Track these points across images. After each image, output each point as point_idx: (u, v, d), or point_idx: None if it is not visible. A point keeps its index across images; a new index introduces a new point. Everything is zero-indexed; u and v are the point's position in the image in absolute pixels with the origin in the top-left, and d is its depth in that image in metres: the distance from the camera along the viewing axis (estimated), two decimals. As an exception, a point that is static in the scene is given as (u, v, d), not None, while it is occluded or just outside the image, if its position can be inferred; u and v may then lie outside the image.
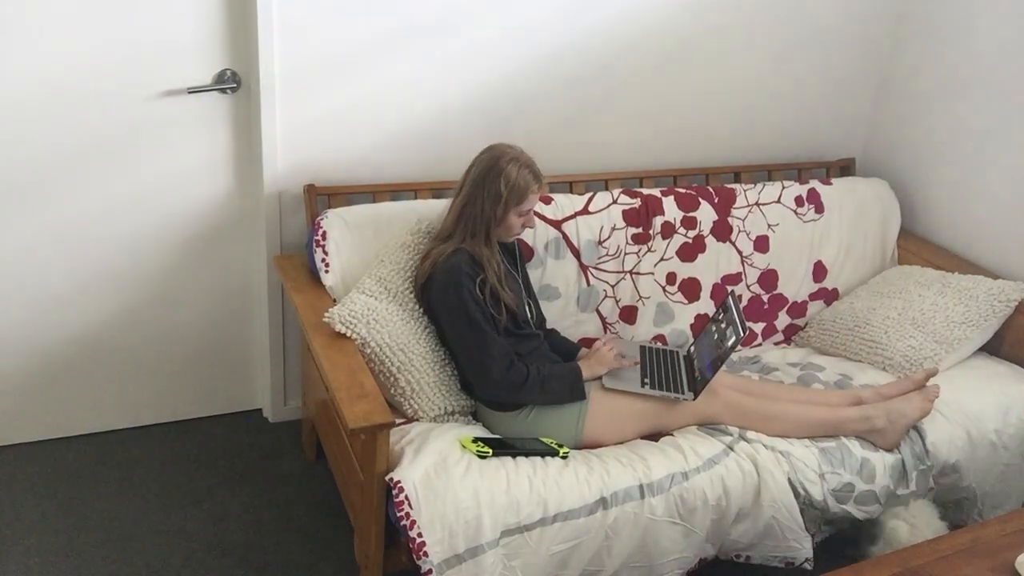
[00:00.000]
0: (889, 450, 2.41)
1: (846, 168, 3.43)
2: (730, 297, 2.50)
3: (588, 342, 2.74)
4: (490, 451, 2.18)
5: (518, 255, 2.61)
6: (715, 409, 2.39)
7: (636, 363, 2.50)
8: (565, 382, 2.36)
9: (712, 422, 2.39)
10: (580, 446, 2.35)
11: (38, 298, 2.66)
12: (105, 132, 2.53)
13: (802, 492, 2.28)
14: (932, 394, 2.49)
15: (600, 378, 2.42)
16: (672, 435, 2.37)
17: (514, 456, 2.20)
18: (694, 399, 2.39)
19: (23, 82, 2.41)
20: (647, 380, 2.44)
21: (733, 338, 2.36)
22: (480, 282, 2.32)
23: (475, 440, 2.21)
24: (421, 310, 2.43)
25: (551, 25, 2.81)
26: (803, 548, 2.28)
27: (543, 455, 2.23)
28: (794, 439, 2.38)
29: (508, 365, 2.30)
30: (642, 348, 2.61)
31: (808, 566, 2.30)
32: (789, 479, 2.28)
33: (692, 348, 2.63)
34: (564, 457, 2.24)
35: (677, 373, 2.52)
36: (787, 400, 2.49)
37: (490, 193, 2.34)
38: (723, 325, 2.47)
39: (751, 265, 3.04)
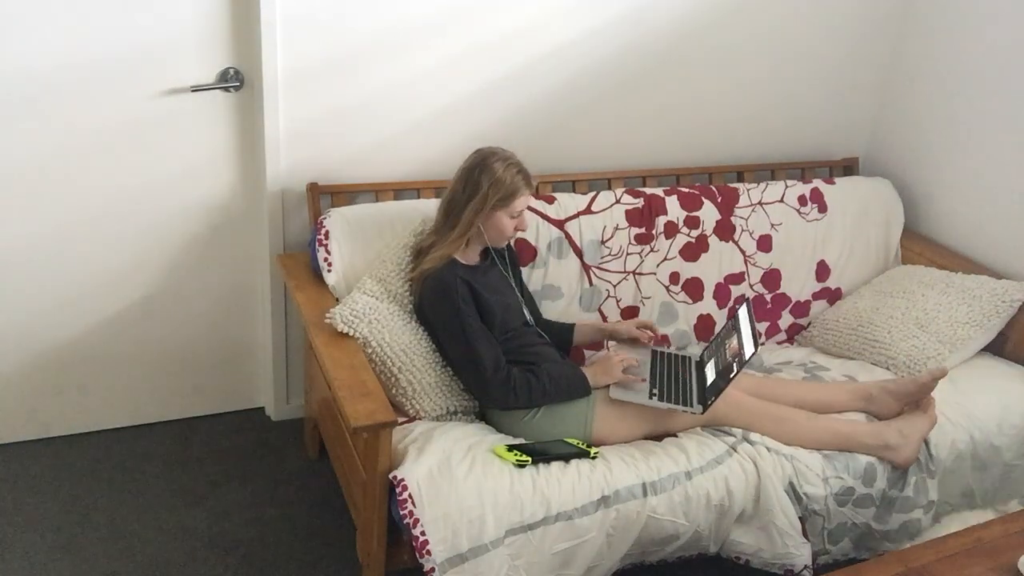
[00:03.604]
0: (905, 467, 2.38)
1: (849, 167, 3.43)
2: (745, 305, 2.44)
3: (598, 346, 2.76)
4: (529, 459, 2.16)
5: (508, 257, 2.59)
6: (723, 411, 2.36)
7: (644, 380, 2.41)
8: (569, 388, 2.34)
9: (719, 424, 2.38)
10: (590, 443, 2.35)
11: (40, 296, 2.66)
12: (107, 130, 2.54)
13: (803, 497, 2.27)
14: (932, 405, 2.46)
15: (607, 387, 2.38)
16: (676, 435, 2.37)
17: (548, 462, 2.18)
18: (702, 412, 2.33)
19: (25, 80, 2.41)
20: (655, 391, 2.38)
21: (749, 351, 2.30)
22: (469, 290, 2.32)
23: (510, 449, 2.19)
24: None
25: (553, 24, 2.81)
26: (801, 555, 2.27)
27: (574, 457, 2.21)
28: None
29: (505, 376, 2.29)
30: (653, 352, 2.56)
31: (807, 574, 2.29)
32: (791, 482, 2.27)
33: (704, 355, 2.55)
34: (594, 458, 2.22)
35: (687, 382, 2.45)
36: (798, 402, 2.47)
37: (474, 191, 2.32)
38: (738, 334, 2.40)
39: (754, 264, 3.04)
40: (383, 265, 2.47)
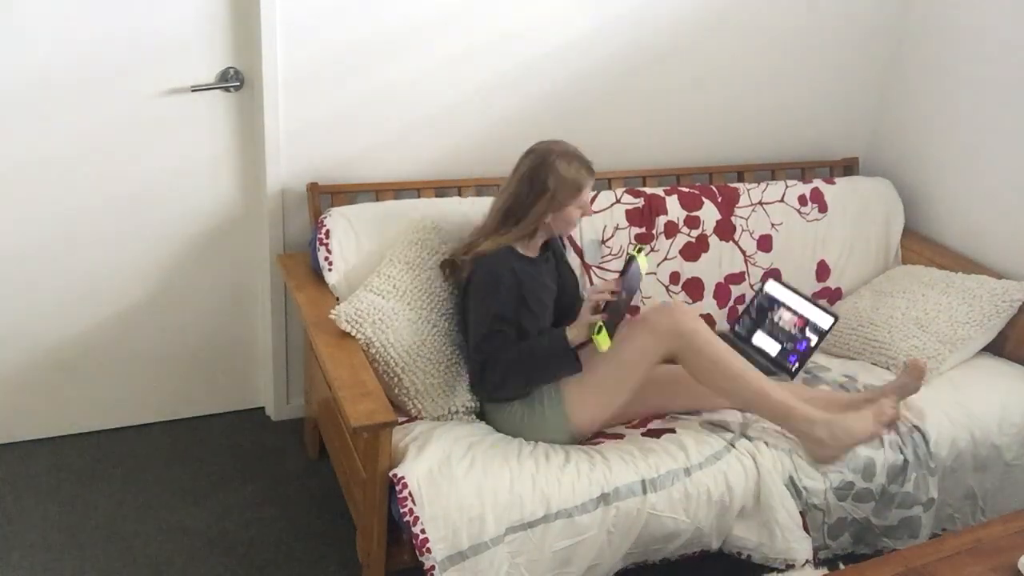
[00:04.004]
0: (825, 463, 2.32)
1: (850, 167, 3.43)
2: (772, 280, 2.50)
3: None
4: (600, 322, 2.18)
5: (555, 251, 2.59)
6: (683, 347, 2.31)
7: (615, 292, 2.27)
8: (549, 357, 2.28)
9: (672, 352, 2.33)
10: (579, 435, 2.36)
11: (40, 296, 2.66)
12: (108, 130, 2.54)
13: (803, 491, 2.28)
14: (887, 418, 2.38)
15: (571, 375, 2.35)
16: (674, 432, 2.36)
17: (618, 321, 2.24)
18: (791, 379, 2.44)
19: (25, 80, 2.41)
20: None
21: (827, 321, 2.42)
22: (518, 283, 2.31)
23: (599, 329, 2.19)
24: (430, 308, 2.42)
25: (553, 25, 2.81)
26: (802, 549, 2.28)
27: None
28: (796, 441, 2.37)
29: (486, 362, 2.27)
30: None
31: (808, 568, 2.29)
32: (790, 477, 2.27)
33: (737, 330, 2.64)
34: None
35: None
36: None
37: (541, 191, 2.32)
38: (785, 308, 2.60)
39: (754, 264, 3.04)
40: (391, 264, 2.46)
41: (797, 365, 2.57)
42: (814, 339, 2.56)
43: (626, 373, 2.35)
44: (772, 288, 2.64)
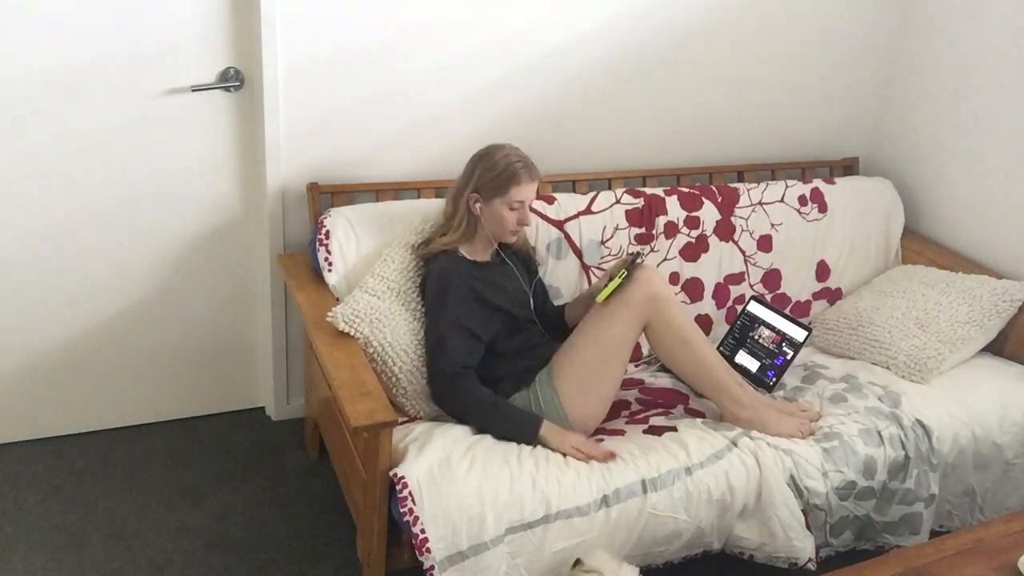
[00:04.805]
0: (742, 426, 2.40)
1: (850, 167, 3.43)
2: (754, 302, 2.59)
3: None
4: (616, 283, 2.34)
5: (525, 262, 2.62)
6: (648, 297, 2.35)
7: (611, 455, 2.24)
8: (514, 428, 2.28)
9: (647, 319, 2.37)
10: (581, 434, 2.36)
11: (40, 296, 2.66)
12: (107, 130, 2.54)
13: (804, 491, 2.27)
14: (807, 429, 2.40)
15: (556, 372, 2.37)
16: (676, 430, 2.37)
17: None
18: (770, 392, 2.52)
19: (25, 79, 2.41)
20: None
21: (801, 334, 2.57)
22: (468, 285, 2.34)
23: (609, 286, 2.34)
24: (424, 309, 2.44)
25: (553, 25, 2.81)
26: (805, 548, 2.28)
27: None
28: (797, 439, 2.37)
29: (461, 378, 2.29)
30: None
31: (811, 567, 2.29)
32: (792, 476, 2.27)
33: (720, 350, 2.69)
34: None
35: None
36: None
37: (474, 182, 2.37)
38: (764, 327, 2.71)
39: (754, 265, 3.04)
40: (385, 265, 2.47)
41: (775, 379, 2.64)
42: (790, 353, 2.64)
43: (614, 354, 2.38)
44: (753, 308, 2.76)
